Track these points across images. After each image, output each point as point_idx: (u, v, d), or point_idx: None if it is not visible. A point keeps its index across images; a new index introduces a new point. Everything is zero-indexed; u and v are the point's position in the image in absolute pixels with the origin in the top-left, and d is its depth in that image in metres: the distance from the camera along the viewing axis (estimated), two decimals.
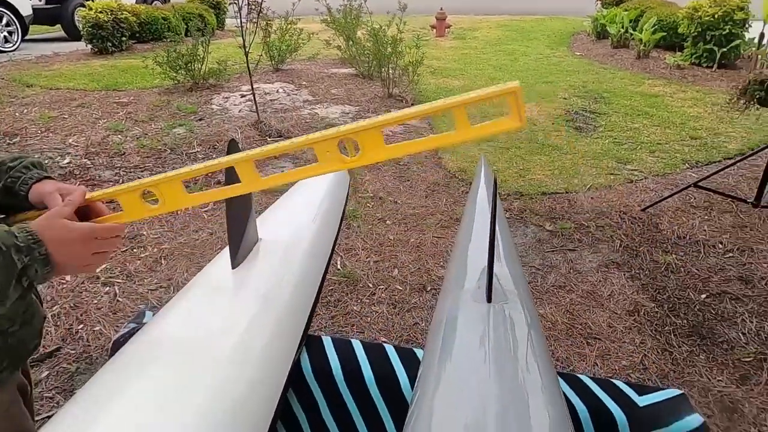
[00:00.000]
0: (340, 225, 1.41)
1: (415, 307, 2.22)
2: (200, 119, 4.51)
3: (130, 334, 0.98)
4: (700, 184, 2.83)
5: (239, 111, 4.75)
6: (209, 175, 3.11)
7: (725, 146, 3.90)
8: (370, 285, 2.37)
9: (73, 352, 2.00)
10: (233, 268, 0.92)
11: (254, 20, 4.24)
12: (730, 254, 2.56)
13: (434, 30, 9.41)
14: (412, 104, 5.06)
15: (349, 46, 6.13)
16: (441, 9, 9.43)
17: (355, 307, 2.22)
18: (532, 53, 7.65)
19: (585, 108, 4.91)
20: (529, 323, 0.83)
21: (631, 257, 2.57)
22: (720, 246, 2.63)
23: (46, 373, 1.91)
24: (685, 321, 2.12)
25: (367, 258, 2.57)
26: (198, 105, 4.86)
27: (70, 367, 1.92)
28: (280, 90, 5.45)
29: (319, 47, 6.72)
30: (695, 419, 0.80)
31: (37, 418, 1.76)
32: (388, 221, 2.92)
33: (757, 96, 2.81)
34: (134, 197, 0.82)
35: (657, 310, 2.19)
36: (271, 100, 5.12)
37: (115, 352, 0.96)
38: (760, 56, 5.73)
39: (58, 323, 2.13)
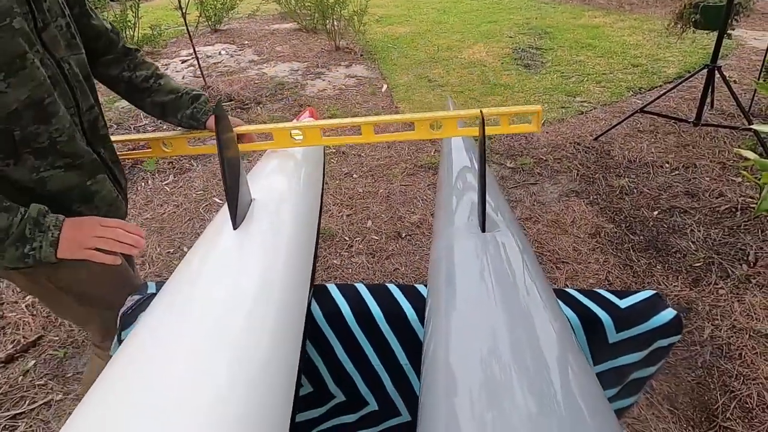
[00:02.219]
0: (323, 185, 1.43)
1: (393, 254, 2.30)
2: None
3: (137, 305, 0.99)
4: (645, 109, 2.98)
5: (182, 78, 4.55)
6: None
7: (665, 71, 4.09)
8: (347, 238, 2.42)
9: (56, 338, 1.98)
10: (235, 228, 0.94)
11: None
12: (677, 172, 2.75)
13: None
14: (361, 55, 4.99)
15: None
16: None
17: (335, 261, 2.27)
18: None
19: (531, 45, 4.98)
20: (522, 248, 0.90)
21: (588, 185, 2.71)
22: (667, 165, 2.81)
23: (33, 362, 1.89)
24: (642, 237, 2.30)
25: (339, 213, 2.61)
26: None
27: (57, 353, 1.91)
28: (222, 52, 5.24)
29: (257, 3, 6.43)
30: (669, 313, 0.91)
31: (32, 406, 1.77)
32: (354, 175, 2.95)
33: (693, 19, 2.94)
34: (285, 133, 1.27)
35: (616, 230, 2.36)
36: (214, 63, 4.92)
37: (124, 326, 0.98)
38: None
39: (35, 312, 2.09)
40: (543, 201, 2.61)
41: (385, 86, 4.23)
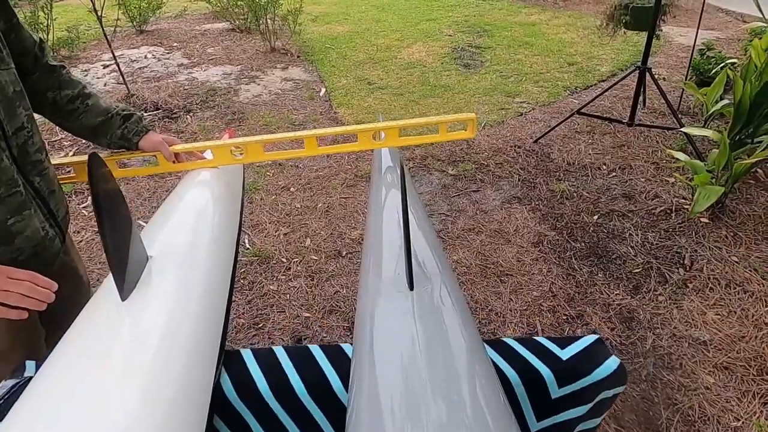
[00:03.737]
0: (241, 217, 1.30)
1: (333, 275, 2.18)
2: None
3: (11, 393, 0.84)
4: (582, 111, 3.00)
5: (104, 85, 4.23)
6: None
7: (598, 69, 4.16)
8: (284, 260, 2.28)
9: None
10: (123, 299, 0.80)
11: None
12: (614, 174, 2.77)
13: None
14: (298, 56, 4.82)
15: None
16: None
17: (271, 287, 2.13)
18: None
19: (470, 44, 4.96)
20: (454, 304, 0.81)
21: (529, 190, 2.70)
22: (604, 167, 2.84)
23: None
24: (583, 244, 2.29)
25: (276, 231, 2.46)
26: None
27: None
28: (149, 55, 4.92)
29: (185, 1, 6.10)
30: (613, 362, 0.85)
31: None
32: (292, 188, 2.81)
33: (623, 20, 2.98)
34: (224, 151, 1.24)
35: (558, 237, 2.34)
36: (140, 68, 4.60)
37: None
38: None
39: None
40: (485, 209, 2.56)
41: (323, 90, 4.08)
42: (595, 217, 2.46)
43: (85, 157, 1.27)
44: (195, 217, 1.10)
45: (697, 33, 3.07)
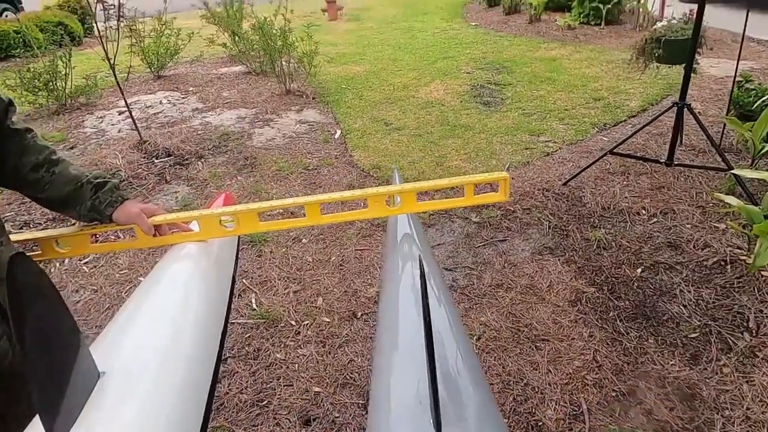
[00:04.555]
0: (231, 298, 1.10)
1: (347, 341, 1.96)
2: (72, 147, 3.91)
3: None
4: (615, 151, 2.78)
5: (118, 131, 4.18)
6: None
7: (627, 104, 3.95)
8: (293, 322, 2.07)
9: None
10: None
11: (118, 26, 3.68)
12: (655, 219, 2.53)
13: (326, 13, 9.02)
14: (313, 98, 4.73)
15: (235, 41, 5.64)
16: None
17: (278, 355, 1.92)
18: (429, 28, 7.51)
19: (489, 80, 4.82)
20: None
21: (562, 239, 2.46)
22: (644, 212, 2.59)
23: None
24: (628, 302, 2.04)
25: (285, 289, 2.27)
26: (67, 130, 4.23)
27: None
28: (164, 100, 4.89)
29: (203, 46, 6.14)
30: None
31: None
32: (303, 240, 2.62)
33: (656, 54, 2.79)
34: (212, 221, 1.05)
35: (598, 294, 2.09)
36: (154, 113, 4.56)
37: None
38: (641, 9, 5.95)
39: None
40: (514, 261, 2.33)
41: (338, 132, 3.95)
42: (639, 270, 2.20)
43: (56, 231, 1.12)
44: (173, 308, 0.90)
45: (737, 64, 2.86)
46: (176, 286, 0.99)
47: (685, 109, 2.56)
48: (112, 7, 3.47)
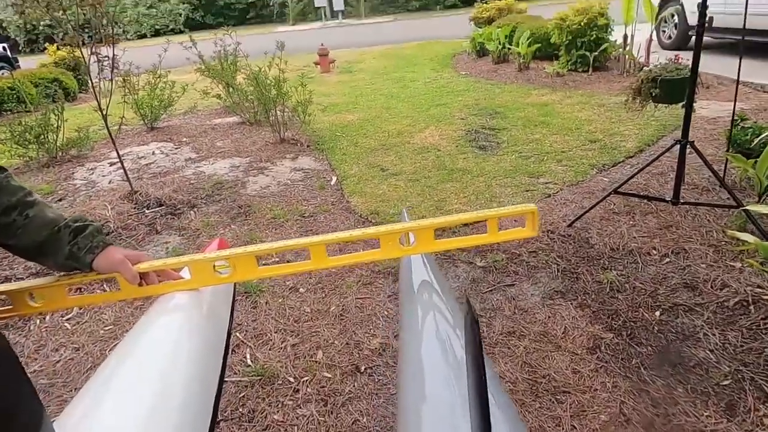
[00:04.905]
0: (226, 356, 0.98)
1: (351, 398, 1.80)
2: (60, 199, 3.81)
3: None
4: (619, 190, 2.72)
5: (109, 182, 4.10)
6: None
7: (623, 145, 3.95)
8: (291, 379, 1.91)
9: None
10: None
11: (112, 76, 3.66)
12: (667, 259, 2.43)
13: (318, 66, 9.21)
14: (308, 146, 4.71)
15: (229, 93, 5.67)
16: (322, 44, 9.28)
17: (276, 416, 1.75)
18: (420, 78, 7.66)
19: (483, 125, 4.84)
20: None
21: (572, 282, 2.35)
22: (654, 252, 2.50)
23: None
24: (650, 348, 1.90)
25: (282, 343, 2.11)
26: (56, 182, 4.14)
27: None
28: (157, 150, 4.84)
29: (197, 98, 6.18)
30: None
31: None
32: (301, 289, 2.49)
33: (652, 93, 2.79)
34: (205, 267, 0.93)
35: (617, 340, 1.96)
36: (146, 164, 4.50)
37: None
38: (627, 56, 6.10)
39: None
40: (525, 307, 2.21)
41: (334, 178, 3.89)
42: (657, 313, 2.08)
43: (28, 283, 1.00)
44: (158, 369, 0.78)
45: (735, 103, 2.86)
46: (163, 343, 0.86)
47: (689, 146, 2.52)
48: (106, 58, 3.46)
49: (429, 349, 0.76)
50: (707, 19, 2.22)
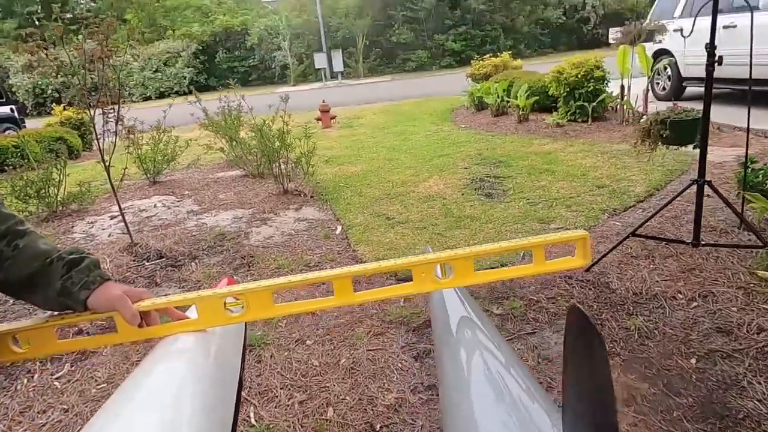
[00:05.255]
0: (238, 405, 0.85)
1: None
2: None
3: None
4: (637, 233, 2.63)
5: (108, 236, 4.00)
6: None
7: (632, 190, 3.90)
8: None
9: None
10: None
11: (116, 128, 3.66)
12: (695, 303, 2.30)
13: (320, 122, 9.35)
14: (312, 197, 4.66)
15: (233, 147, 5.70)
16: (323, 101, 9.47)
17: None
18: (421, 131, 7.75)
19: (488, 174, 4.82)
20: None
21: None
22: (680, 296, 2.37)
23: None
24: (691, 399, 1.75)
25: (289, 400, 1.95)
26: (55, 236, 4.04)
27: None
28: (159, 203, 4.79)
29: (200, 152, 6.20)
30: None
31: None
32: (308, 341, 2.34)
33: (662, 135, 2.76)
34: (215, 304, 0.84)
35: (654, 391, 1.80)
36: (148, 216, 4.43)
37: None
38: (625, 106, 6.19)
39: None
40: (549, 356, 2.06)
41: (339, 228, 3.81)
42: (693, 360, 1.94)
43: (11, 325, 0.88)
44: (157, 427, 0.65)
45: (747, 146, 2.83)
46: (163, 393, 0.74)
47: (707, 186, 2.46)
48: (112, 111, 3.46)
49: (480, 395, 0.64)
50: (717, 57, 2.22)
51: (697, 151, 4.61)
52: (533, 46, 26.21)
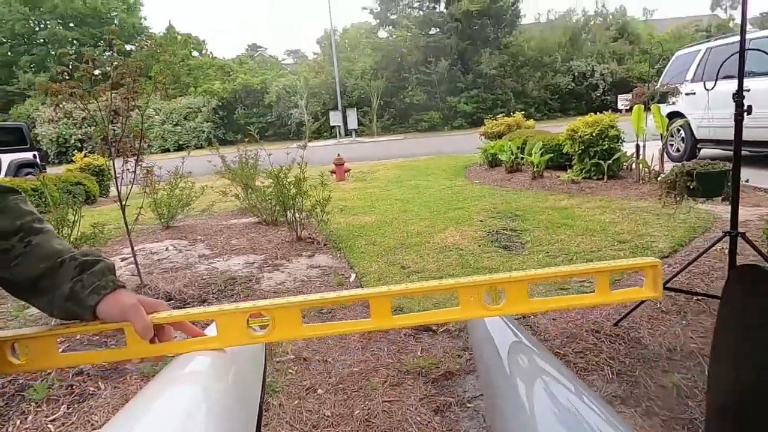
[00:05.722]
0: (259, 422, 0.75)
1: None
2: None
3: None
4: (668, 286, 2.51)
5: (119, 276, 3.92)
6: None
7: (656, 245, 3.79)
8: None
9: None
10: None
11: (135, 170, 3.68)
12: None
13: (334, 175, 9.45)
14: (325, 245, 4.59)
15: (248, 194, 5.71)
16: (338, 155, 9.61)
17: None
18: (435, 185, 7.77)
19: (504, 227, 4.74)
20: None
21: (631, 386, 2.05)
22: None
23: None
24: None
25: None
26: None
27: None
28: (171, 247, 4.74)
29: (215, 198, 6.23)
30: None
31: None
32: (319, 390, 2.20)
33: (689, 186, 2.70)
34: (236, 320, 0.76)
35: None
36: (159, 259, 4.37)
37: None
38: (641, 165, 6.18)
39: None
40: None
41: (353, 275, 3.71)
42: None
43: (10, 332, 0.80)
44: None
45: None
46: (171, 421, 0.64)
47: (740, 238, 2.36)
48: (134, 155, 3.50)
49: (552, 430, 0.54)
50: (747, 107, 2.19)
51: (719, 208, 4.52)
52: (543, 110, 26.87)
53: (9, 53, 31.64)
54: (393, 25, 31.89)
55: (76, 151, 12.09)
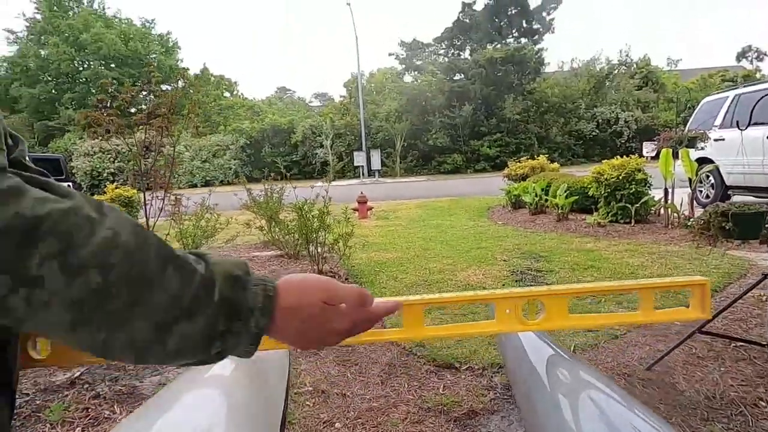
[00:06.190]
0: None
1: None
2: None
3: None
4: (705, 329, 2.39)
5: None
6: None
7: (688, 290, 3.64)
8: None
9: None
10: None
11: (164, 197, 3.76)
12: None
13: (357, 213, 9.48)
14: (346, 279, 4.55)
15: (272, 227, 5.75)
16: (361, 193, 9.69)
17: None
18: (457, 225, 7.73)
19: (529, 267, 4.65)
20: None
21: None
22: (763, 404, 2.08)
23: None
24: None
25: None
26: None
27: None
28: None
29: (239, 230, 6.29)
30: None
31: None
32: (337, 424, 2.12)
33: (725, 227, 2.61)
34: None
35: None
36: None
37: None
38: (670, 209, 6.06)
39: None
40: None
41: None
42: None
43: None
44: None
45: None
46: (187, 427, 0.62)
47: None
48: (159, 196, 3.58)
49: None
50: None
51: (753, 255, 4.35)
52: (567, 155, 26.81)
53: (53, 90, 33.37)
54: (418, 71, 32.72)
55: (108, 183, 12.46)
